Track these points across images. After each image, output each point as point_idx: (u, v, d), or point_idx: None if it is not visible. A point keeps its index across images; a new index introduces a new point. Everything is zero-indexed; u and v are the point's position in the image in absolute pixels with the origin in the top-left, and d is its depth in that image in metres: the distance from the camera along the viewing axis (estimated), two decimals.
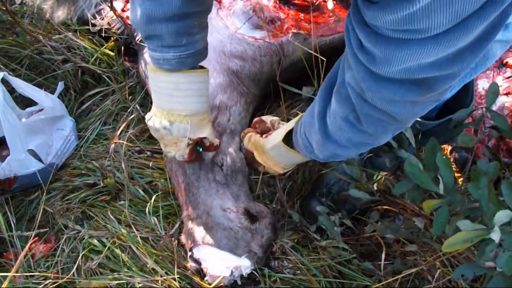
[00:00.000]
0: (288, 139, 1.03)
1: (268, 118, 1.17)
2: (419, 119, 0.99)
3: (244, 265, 1.06)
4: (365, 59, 0.66)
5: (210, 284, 1.06)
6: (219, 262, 1.06)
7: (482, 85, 1.30)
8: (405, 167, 0.86)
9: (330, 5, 1.44)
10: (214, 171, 1.17)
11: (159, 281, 1.07)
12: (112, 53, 1.47)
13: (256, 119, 1.20)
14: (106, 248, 1.13)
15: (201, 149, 1.11)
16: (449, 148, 1.30)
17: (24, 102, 1.41)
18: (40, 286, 1.04)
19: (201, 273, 1.08)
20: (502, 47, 0.90)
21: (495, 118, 0.95)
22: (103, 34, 1.50)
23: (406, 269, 1.03)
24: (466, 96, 1.03)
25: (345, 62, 0.75)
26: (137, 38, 1.42)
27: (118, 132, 1.25)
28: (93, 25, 1.49)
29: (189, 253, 1.09)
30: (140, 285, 1.06)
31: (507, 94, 1.25)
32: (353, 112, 0.77)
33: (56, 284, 1.05)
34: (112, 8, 1.39)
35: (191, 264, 1.09)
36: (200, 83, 0.98)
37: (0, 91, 1.21)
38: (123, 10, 1.48)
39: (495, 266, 0.79)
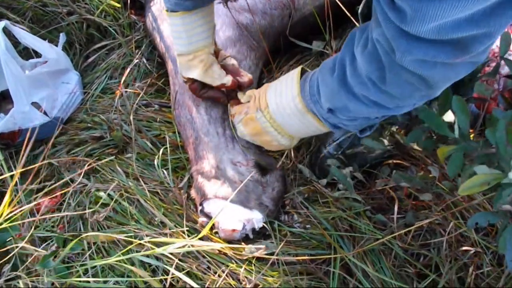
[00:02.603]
0: None
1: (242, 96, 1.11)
2: None
3: (256, 218, 1.05)
4: (395, 18, 0.62)
5: (221, 238, 1.05)
6: (230, 216, 1.04)
7: (496, 42, 1.28)
8: (419, 113, 0.84)
9: None
10: (223, 126, 1.15)
11: (168, 234, 1.05)
12: (118, 5, 1.43)
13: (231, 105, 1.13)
14: (113, 201, 1.10)
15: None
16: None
17: (27, 56, 1.37)
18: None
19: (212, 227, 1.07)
20: None
21: (511, 66, 0.94)
22: None
23: (418, 222, 1.02)
24: None
25: (373, 19, 0.71)
26: None
27: (123, 80, 1.23)
28: None
29: (200, 208, 1.07)
30: (148, 238, 1.04)
31: None
32: (377, 71, 0.73)
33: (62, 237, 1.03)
34: None
35: (202, 219, 1.07)
36: (184, 25, 0.99)
37: (1, 40, 1.17)
38: None
39: (511, 210, 0.78)
